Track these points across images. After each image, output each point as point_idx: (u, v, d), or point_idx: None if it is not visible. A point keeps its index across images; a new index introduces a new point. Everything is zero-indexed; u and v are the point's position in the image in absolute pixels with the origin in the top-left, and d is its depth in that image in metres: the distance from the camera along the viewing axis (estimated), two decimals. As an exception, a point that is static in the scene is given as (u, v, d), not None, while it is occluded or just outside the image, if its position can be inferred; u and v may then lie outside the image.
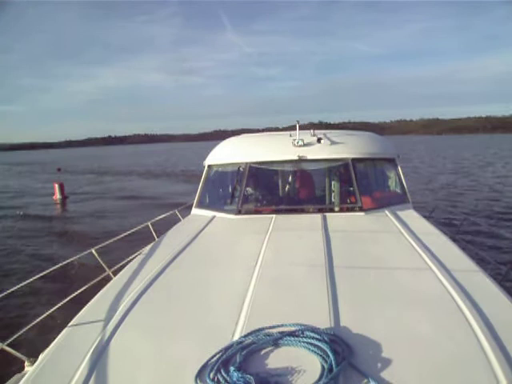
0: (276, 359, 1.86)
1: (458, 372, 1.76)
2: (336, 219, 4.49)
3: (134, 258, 3.80)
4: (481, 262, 3.87)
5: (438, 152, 54.82)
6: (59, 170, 31.79)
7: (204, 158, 5.86)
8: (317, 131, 5.51)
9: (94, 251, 4.02)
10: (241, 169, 5.38)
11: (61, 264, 3.63)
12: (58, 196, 22.91)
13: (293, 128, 5.57)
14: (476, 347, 1.92)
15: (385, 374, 1.74)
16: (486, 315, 2.19)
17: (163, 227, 4.92)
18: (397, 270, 2.94)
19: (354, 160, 5.11)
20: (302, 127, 5.40)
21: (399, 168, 5.48)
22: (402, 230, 3.89)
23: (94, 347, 2.12)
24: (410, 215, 4.61)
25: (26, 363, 2.58)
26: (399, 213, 4.67)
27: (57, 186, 23.30)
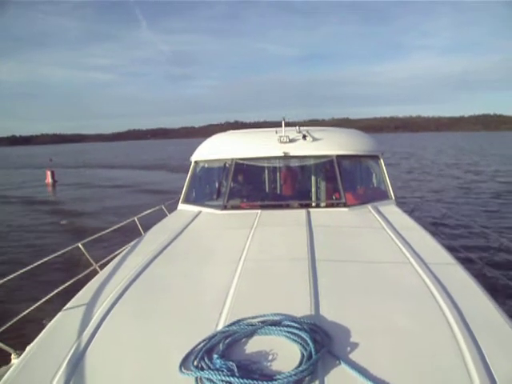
0: (257, 347, 1.93)
1: (430, 360, 1.84)
2: (320, 215, 4.58)
3: (120, 252, 3.84)
4: (458, 255, 4.02)
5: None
6: (51, 160, 35.05)
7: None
8: (302, 128, 5.58)
9: (80, 245, 4.04)
10: (227, 165, 5.43)
11: (47, 258, 3.64)
12: (49, 180, 28.51)
13: (208, 127, 5.64)
14: (449, 337, 2.01)
15: (361, 361, 1.82)
16: (459, 306, 2.29)
17: (150, 222, 4.96)
18: (377, 264, 3.03)
19: (339, 157, 5.19)
20: (219, 127, 5.48)
21: (383, 165, 5.56)
22: (384, 226, 3.97)
23: (80, 339, 2.15)
24: (392, 211, 4.71)
25: (13, 356, 2.60)
26: (382, 209, 4.76)
27: (49, 172, 28.89)
